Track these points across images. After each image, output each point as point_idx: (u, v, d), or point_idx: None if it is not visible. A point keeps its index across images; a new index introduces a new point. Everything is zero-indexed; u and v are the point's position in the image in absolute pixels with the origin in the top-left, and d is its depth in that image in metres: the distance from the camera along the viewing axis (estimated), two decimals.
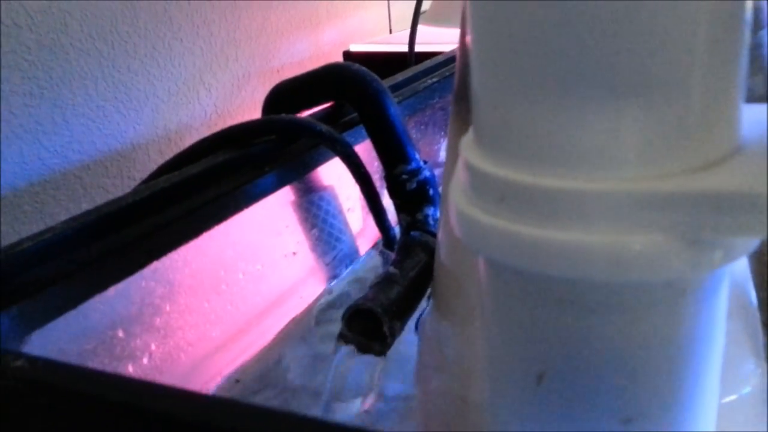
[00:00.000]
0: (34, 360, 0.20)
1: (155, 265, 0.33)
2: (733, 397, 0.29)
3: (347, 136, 0.45)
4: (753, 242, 0.16)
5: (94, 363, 0.30)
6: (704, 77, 0.15)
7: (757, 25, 0.25)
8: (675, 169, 0.15)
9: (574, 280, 0.15)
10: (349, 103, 0.46)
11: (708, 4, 0.14)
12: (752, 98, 0.26)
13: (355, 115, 0.48)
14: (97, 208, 0.31)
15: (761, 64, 0.26)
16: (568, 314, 0.16)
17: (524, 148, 0.16)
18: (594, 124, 0.15)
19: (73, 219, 0.30)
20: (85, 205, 0.72)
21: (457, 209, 0.17)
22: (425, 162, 0.44)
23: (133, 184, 0.78)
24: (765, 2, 0.25)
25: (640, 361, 0.16)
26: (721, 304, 0.17)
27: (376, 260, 0.49)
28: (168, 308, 0.34)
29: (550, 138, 0.15)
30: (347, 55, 0.96)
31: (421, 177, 0.43)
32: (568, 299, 0.16)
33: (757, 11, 0.25)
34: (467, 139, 0.18)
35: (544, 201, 0.15)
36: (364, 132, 0.44)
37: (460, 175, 0.18)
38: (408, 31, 0.85)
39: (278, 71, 0.97)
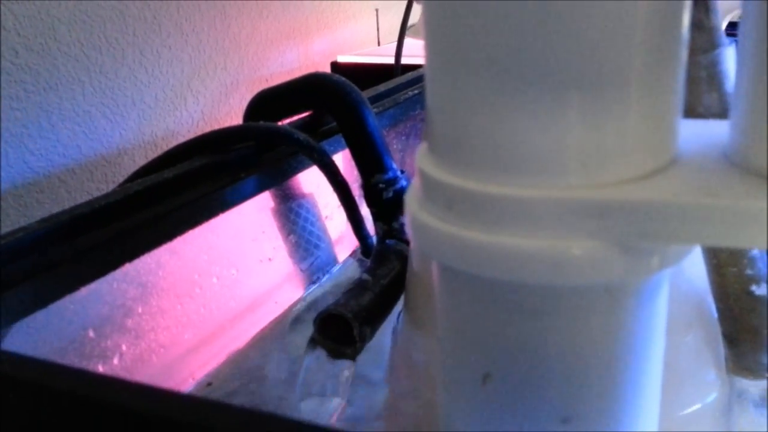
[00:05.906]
0: None
1: (127, 267, 0.33)
2: (698, 406, 0.30)
3: (326, 145, 0.46)
4: (688, 249, 0.17)
5: (64, 362, 0.30)
6: (642, 91, 0.16)
7: (713, 44, 0.26)
8: (613, 178, 0.16)
9: (516, 284, 0.16)
10: (328, 112, 0.46)
11: (645, 20, 0.15)
12: (708, 114, 0.27)
13: (334, 124, 0.48)
14: (70, 209, 0.32)
15: (718, 82, 0.26)
16: (511, 317, 0.17)
17: (470, 156, 0.16)
18: (536, 134, 0.15)
19: (46, 219, 0.30)
20: None
21: (411, 214, 0.18)
22: (402, 171, 0.45)
23: None
24: (721, 22, 0.26)
25: (578, 364, 0.17)
26: (660, 309, 0.18)
27: (354, 268, 0.49)
28: (140, 310, 0.34)
29: (494, 146, 0.16)
30: (335, 65, 0.97)
31: (397, 186, 0.44)
32: (511, 303, 0.17)
33: (713, 31, 0.26)
34: (422, 148, 0.19)
35: (488, 207, 0.16)
36: (343, 141, 0.45)
37: (415, 181, 0.19)
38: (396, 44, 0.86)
39: (267, 80, 0.97)
